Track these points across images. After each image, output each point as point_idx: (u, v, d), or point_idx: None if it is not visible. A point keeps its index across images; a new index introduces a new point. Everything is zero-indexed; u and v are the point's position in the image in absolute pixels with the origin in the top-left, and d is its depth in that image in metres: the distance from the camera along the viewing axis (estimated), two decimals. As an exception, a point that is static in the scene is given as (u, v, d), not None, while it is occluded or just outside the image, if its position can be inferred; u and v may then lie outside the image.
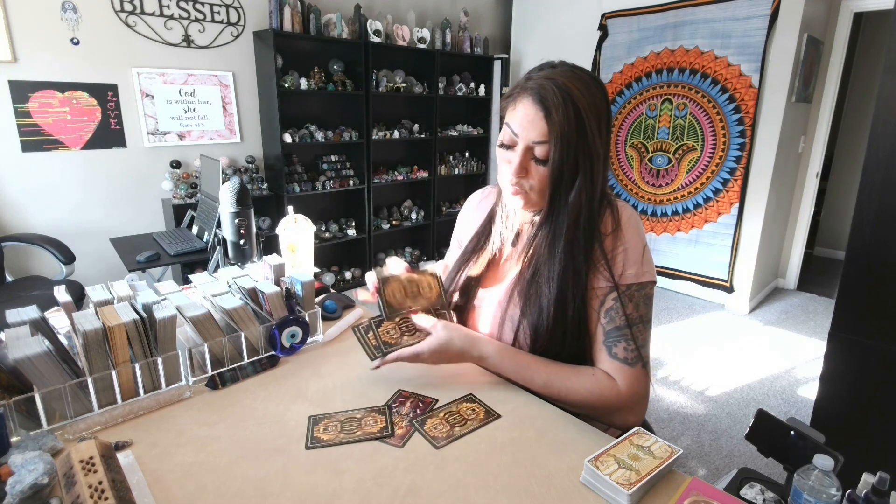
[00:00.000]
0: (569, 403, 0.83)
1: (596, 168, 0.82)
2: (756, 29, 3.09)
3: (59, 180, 2.66)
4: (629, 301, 0.82)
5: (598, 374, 0.82)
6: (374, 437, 0.75)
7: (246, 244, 1.27)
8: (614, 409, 0.81)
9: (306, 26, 3.21)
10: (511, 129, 0.83)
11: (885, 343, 1.37)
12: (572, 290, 0.83)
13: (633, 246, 0.84)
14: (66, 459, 0.61)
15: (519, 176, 0.83)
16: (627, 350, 0.81)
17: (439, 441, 0.75)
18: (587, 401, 0.81)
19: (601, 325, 0.84)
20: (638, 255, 0.83)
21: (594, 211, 0.84)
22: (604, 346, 0.83)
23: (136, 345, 0.82)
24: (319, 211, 3.71)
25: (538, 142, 0.80)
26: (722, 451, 2.05)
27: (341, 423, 0.78)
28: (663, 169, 3.64)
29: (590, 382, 0.82)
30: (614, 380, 0.81)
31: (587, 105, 0.79)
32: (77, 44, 2.58)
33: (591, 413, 0.83)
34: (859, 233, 1.37)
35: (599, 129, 0.81)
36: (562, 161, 0.79)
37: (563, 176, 0.81)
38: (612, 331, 0.82)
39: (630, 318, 0.82)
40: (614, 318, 0.82)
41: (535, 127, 0.80)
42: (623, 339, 0.81)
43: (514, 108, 0.83)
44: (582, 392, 0.81)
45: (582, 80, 0.80)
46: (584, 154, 0.80)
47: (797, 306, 3.60)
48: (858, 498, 0.63)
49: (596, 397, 0.81)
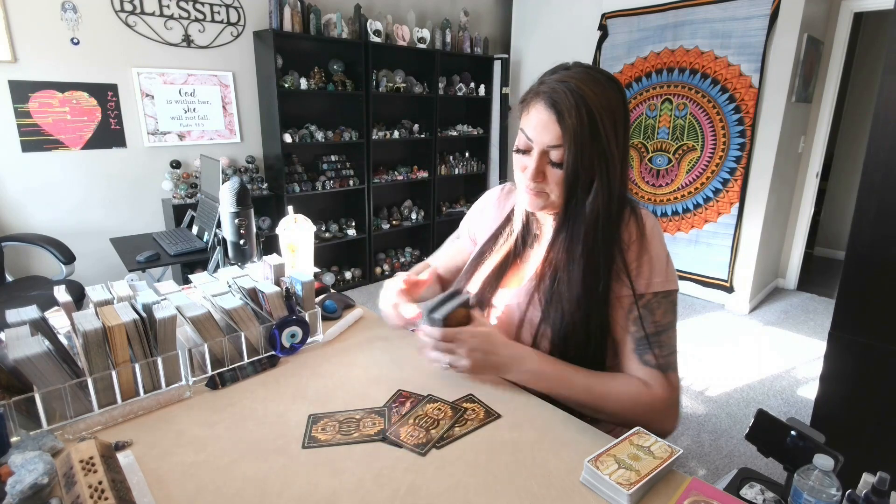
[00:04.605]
0: (609, 410, 0.82)
1: (612, 170, 0.80)
2: (756, 29, 3.08)
3: (59, 180, 2.66)
4: (657, 308, 0.82)
5: (635, 380, 0.82)
6: (372, 439, 0.75)
7: (246, 244, 1.27)
8: (654, 414, 0.81)
9: (306, 26, 3.21)
10: (525, 135, 0.82)
11: (885, 343, 1.37)
12: (592, 294, 0.83)
13: (658, 255, 0.84)
14: (66, 459, 0.61)
15: (536, 181, 0.82)
16: (659, 357, 0.82)
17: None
18: (629, 406, 0.80)
19: (630, 334, 0.83)
20: (663, 264, 0.84)
21: (612, 214, 0.83)
22: (634, 354, 0.83)
23: (136, 345, 0.82)
24: (319, 211, 3.71)
25: (553, 146, 0.79)
26: (722, 451, 2.05)
27: (340, 423, 0.78)
28: (663, 169, 3.64)
29: (634, 387, 0.81)
30: (651, 385, 0.81)
31: (601, 106, 0.77)
32: (77, 44, 2.58)
33: (630, 421, 0.81)
34: (859, 233, 1.37)
35: (616, 130, 0.80)
36: (576, 164, 0.78)
37: (579, 179, 0.80)
38: (642, 338, 0.82)
39: (659, 325, 0.82)
40: (643, 325, 0.82)
41: (549, 131, 0.79)
42: (654, 345, 0.82)
43: (527, 114, 0.83)
44: (623, 398, 0.80)
45: (596, 80, 0.79)
46: (600, 156, 0.79)
47: (797, 306, 3.60)
48: (858, 498, 0.63)
49: (636, 402, 0.80)
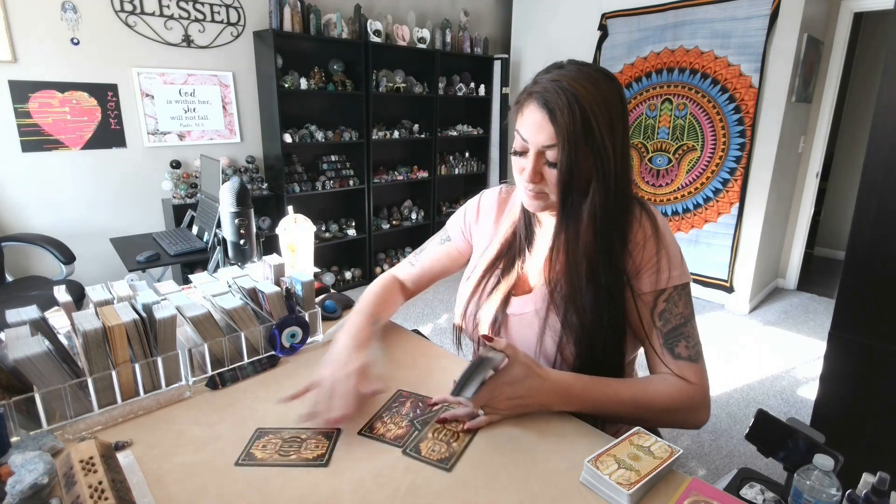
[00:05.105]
0: (655, 415, 0.81)
1: (608, 168, 0.79)
2: (756, 29, 3.08)
3: (59, 180, 2.66)
4: (679, 300, 0.83)
5: (671, 378, 0.82)
6: (306, 464, 0.70)
7: (246, 244, 1.27)
8: (693, 407, 0.81)
9: (306, 26, 3.21)
10: (521, 136, 0.81)
11: (885, 343, 1.37)
12: (601, 294, 0.82)
13: (673, 248, 0.85)
14: (66, 459, 0.61)
15: (533, 182, 0.81)
16: (689, 348, 0.82)
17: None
18: (673, 405, 0.80)
19: (657, 329, 0.83)
20: (679, 257, 0.85)
21: (612, 212, 0.82)
22: (665, 349, 0.83)
23: (136, 345, 0.82)
24: (319, 211, 3.71)
25: (548, 146, 0.78)
26: (722, 451, 2.05)
27: (282, 441, 0.74)
28: (663, 169, 3.64)
29: (674, 385, 0.81)
30: (686, 379, 0.81)
31: (595, 103, 0.76)
32: (77, 44, 2.58)
33: (671, 420, 0.82)
34: (859, 233, 1.37)
35: (612, 127, 0.78)
36: (570, 163, 0.77)
37: (574, 178, 0.79)
38: (669, 332, 0.82)
39: (683, 317, 0.83)
40: (669, 319, 0.82)
41: (543, 131, 0.78)
42: (682, 337, 0.82)
43: (521, 115, 0.82)
44: (665, 398, 0.80)
45: (590, 77, 0.78)
46: (595, 154, 0.78)
47: (797, 306, 3.60)
48: (858, 498, 0.63)
49: (679, 400, 0.80)
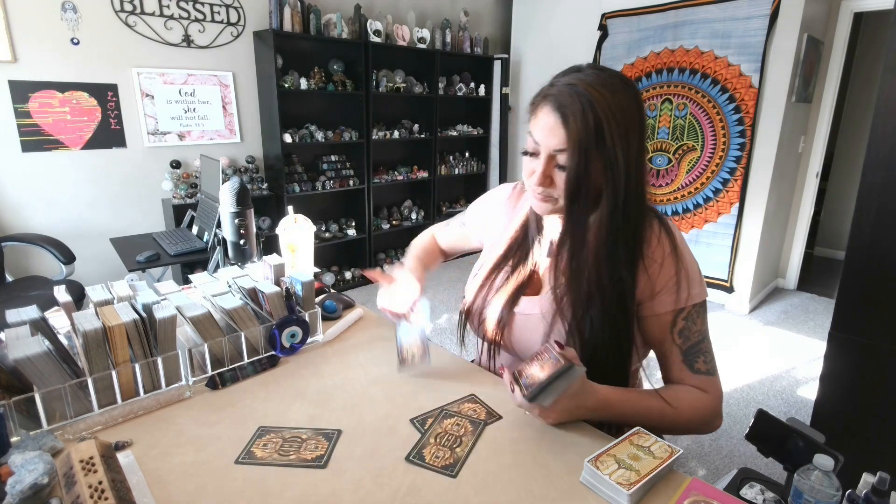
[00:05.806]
0: (680, 425, 0.83)
1: (618, 179, 0.78)
2: (756, 29, 3.08)
3: (59, 180, 2.65)
4: (697, 317, 0.83)
5: (695, 390, 0.84)
6: (305, 465, 0.70)
7: (246, 244, 1.27)
8: (710, 417, 0.84)
9: (306, 26, 3.21)
10: (533, 138, 0.81)
11: (885, 343, 1.37)
12: (612, 304, 0.82)
13: (692, 266, 0.84)
14: (66, 459, 0.61)
15: (543, 185, 0.81)
16: (707, 363, 0.84)
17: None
18: (696, 417, 0.82)
19: (676, 346, 0.84)
20: (698, 275, 0.84)
21: (619, 223, 0.80)
22: (685, 365, 0.84)
23: (136, 345, 0.82)
24: (319, 211, 3.71)
25: (559, 150, 0.77)
26: (722, 451, 2.05)
27: (283, 440, 0.75)
28: (663, 169, 3.64)
29: (696, 396, 0.83)
30: (707, 391, 0.83)
31: (610, 111, 0.75)
32: (77, 44, 2.58)
33: (692, 429, 0.84)
34: (859, 233, 1.37)
35: (627, 138, 0.77)
36: (578, 169, 0.77)
37: (582, 185, 0.78)
38: (689, 349, 0.84)
39: (700, 333, 0.84)
40: (689, 336, 0.83)
41: (555, 135, 0.77)
42: (700, 353, 0.84)
43: (535, 117, 0.81)
44: (689, 412, 0.82)
45: (607, 84, 0.77)
46: (606, 164, 0.77)
47: (797, 306, 3.60)
48: (858, 498, 0.63)
49: (701, 412, 0.82)
